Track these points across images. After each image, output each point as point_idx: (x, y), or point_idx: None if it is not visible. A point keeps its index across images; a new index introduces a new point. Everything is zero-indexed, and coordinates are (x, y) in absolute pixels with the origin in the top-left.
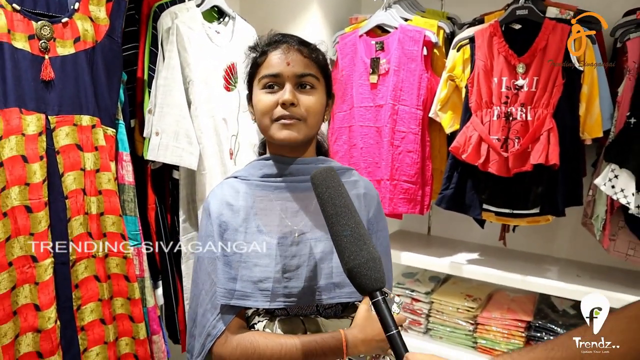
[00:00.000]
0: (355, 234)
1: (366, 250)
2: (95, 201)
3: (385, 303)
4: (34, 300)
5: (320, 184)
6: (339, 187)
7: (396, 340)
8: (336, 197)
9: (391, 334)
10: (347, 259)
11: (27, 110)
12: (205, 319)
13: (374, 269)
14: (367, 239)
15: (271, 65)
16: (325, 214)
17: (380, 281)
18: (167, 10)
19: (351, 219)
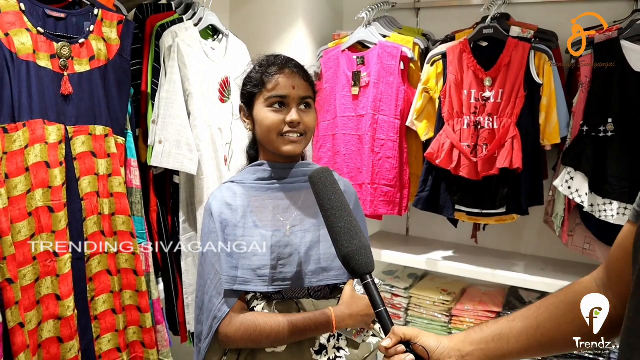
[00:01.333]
0: (348, 225)
1: (358, 239)
2: (108, 203)
3: (374, 285)
4: (55, 291)
5: (317, 182)
6: (333, 184)
7: (384, 316)
8: (331, 193)
9: (379, 310)
10: (342, 246)
11: (49, 121)
12: (212, 304)
13: (365, 255)
14: (359, 230)
15: (279, 87)
16: (322, 208)
17: (370, 266)
18: (168, 29)
19: (345, 212)
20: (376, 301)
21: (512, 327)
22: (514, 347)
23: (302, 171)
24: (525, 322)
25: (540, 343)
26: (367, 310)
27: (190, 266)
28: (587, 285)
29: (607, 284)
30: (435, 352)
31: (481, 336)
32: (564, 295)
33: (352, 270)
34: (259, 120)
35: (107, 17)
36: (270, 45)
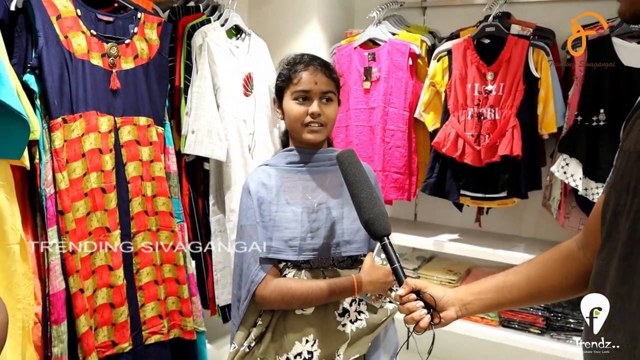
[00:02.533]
0: (369, 195)
1: (377, 206)
2: (150, 186)
3: (391, 245)
4: (108, 262)
5: (343, 160)
6: (357, 162)
7: (398, 271)
8: (355, 169)
9: (395, 266)
10: (364, 212)
11: (101, 113)
12: (249, 270)
13: (383, 220)
14: (378, 199)
15: (303, 82)
16: (347, 181)
17: (388, 229)
18: (198, 30)
19: (366, 184)
20: (392, 258)
21: (506, 281)
22: (507, 297)
23: (327, 156)
24: (518, 276)
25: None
26: (385, 278)
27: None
28: (569, 246)
29: (584, 244)
30: (441, 300)
31: (480, 288)
32: (550, 254)
33: (372, 233)
34: (287, 111)
35: (148, 19)
36: (286, 43)
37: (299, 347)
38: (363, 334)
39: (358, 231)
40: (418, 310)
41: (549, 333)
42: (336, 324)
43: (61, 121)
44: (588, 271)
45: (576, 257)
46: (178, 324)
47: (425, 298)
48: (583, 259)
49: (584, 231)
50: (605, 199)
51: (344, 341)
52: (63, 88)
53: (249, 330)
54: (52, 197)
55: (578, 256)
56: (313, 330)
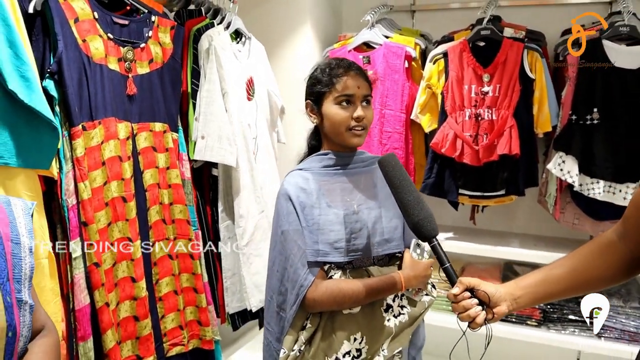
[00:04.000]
0: (416, 197)
1: (425, 209)
2: (167, 193)
3: (440, 245)
4: (131, 274)
5: (387, 165)
6: (400, 166)
7: (449, 271)
8: (400, 173)
9: (446, 266)
10: (413, 215)
11: (119, 119)
12: (297, 274)
13: (431, 222)
14: (423, 202)
15: (347, 87)
16: (393, 185)
17: (435, 230)
18: (204, 34)
19: (412, 187)
20: (443, 259)
21: (553, 274)
22: (555, 288)
23: (360, 158)
24: (563, 269)
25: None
26: (426, 272)
27: (229, 252)
28: (608, 237)
29: (623, 234)
30: (494, 296)
31: (528, 282)
32: (592, 246)
33: (422, 234)
34: (330, 116)
35: (162, 23)
36: (278, 47)
37: (347, 346)
38: (405, 327)
39: (395, 229)
40: (473, 307)
41: (546, 325)
42: (382, 320)
43: (80, 128)
44: (629, 259)
45: (617, 247)
46: (197, 334)
47: (479, 295)
48: (624, 248)
49: (622, 223)
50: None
51: (389, 336)
52: (82, 94)
53: (297, 334)
54: (75, 208)
55: (619, 246)
56: (361, 328)
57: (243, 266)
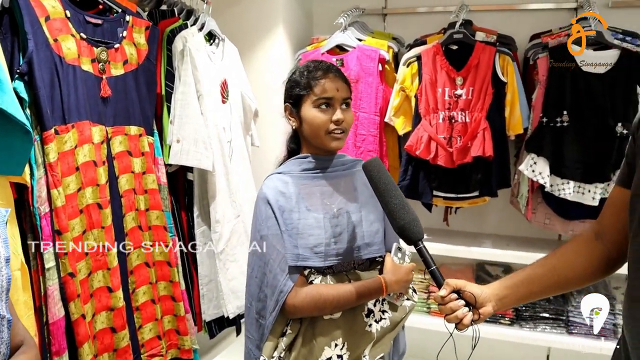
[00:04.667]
0: (401, 201)
1: (410, 212)
2: (143, 199)
3: (425, 248)
4: (107, 284)
5: (372, 169)
6: (385, 170)
7: (436, 273)
8: (385, 177)
9: (432, 268)
10: (399, 219)
11: (93, 122)
12: (276, 280)
13: (417, 225)
14: (409, 205)
15: (326, 90)
16: (378, 190)
17: (421, 233)
18: (178, 35)
19: (397, 190)
20: (429, 262)
21: (535, 273)
22: (537, 287)
23: (340, 161)
24: (545, 268)
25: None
26: (407, 276)
27: (205, 258)
28: (586, 236)
29: (600, 233)
30: (480, 297)
31: (512, 282)
32: (570, 246)
33: (407, 238)
34: (309, 119)
35: (137, 23)
36: (251, 49)
37: (328, 352)
38: (387, 332)
39: (376, 233)
40: (460, 308)
41: (518, 323)
42: (363, 325)
43: (53, 132)
44: (607, 257)
45: (595, 246)
46: (175, 344)
47: (466, 296)
48: (601, 247)
49: (598, 222)
50: (634, 192)
51: (370, 341)
52: (54, 96)
53: (277, 340)
54: (48, 216)
55: (597, 245)
56: (342, 333)
57: (219, 272)
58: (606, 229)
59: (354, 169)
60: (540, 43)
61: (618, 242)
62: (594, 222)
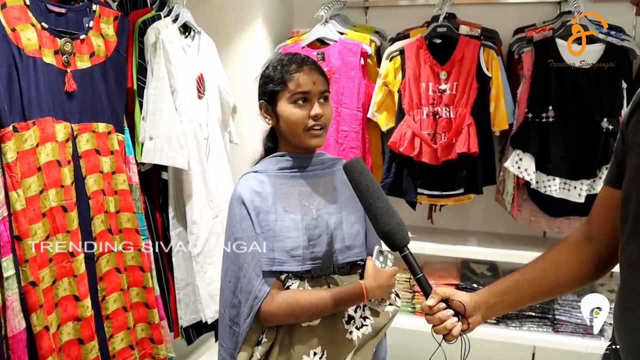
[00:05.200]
0: (385, 205)
1: (395, 217)
2: (113, 200)
3: (412, 255)
4: (74, 292)
5: (353, 170)
6: (367, 171)
7: (423, 281)
8: (367, 178)
9: (419, 276)
10: (383, 224)
11: (57, 119)
12: (251, 285)
13: (402, 230)
14: (393, 209)
15: (301, 84)
16: (360, 192)
17: (407, 239)
18: (151, 26)
19: (380, 193)
20: (415, 269)
21: (524, 278)
22: (528, 293)
23: (319, 160)
24: (535, 273)
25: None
26: (390, 281)
27: (181, 261)
28: (575, 238)
29: (589, 235)
30: (469, 306)
31: (502, 288)
32: (560, 249)
33: (392, 244)
34: (285, 116)
35: (104, 13)
36: (229, 43)
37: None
38: (368, 340)
39: (357, 235)
40: (449, 319)
41: (504, 322)
42: (344, 332)
43: (11, 130)
44: (597, 259)
45: (585, 248)
46: (149, 353)
47: (455, 305)
48: (591, 249)
49: (587, 224)
50: (625, 192)
51: (352, 349)
52: (12, 90)
53: (252, 350)
54: (6, 221)
55: (587, 247)
56: (321, 341)
57: (197, 275)
58: (596, 230)
59: (333, 167)
60: (524, 37)
61: (608, 243)
62: (582, 224)
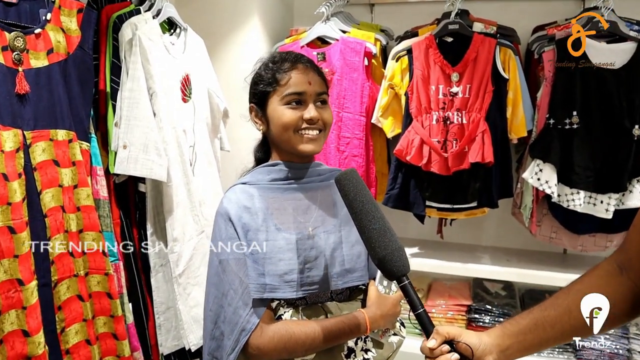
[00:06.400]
0: (382, 226)
1: (393, 241)
2: (75, 218)
3: (411, 286)
4: (22, 326)
5: (346, 184)
6: (363, 186)
7: (424, 317)
8: (362, 195)
9: (419, 312)
10: (378, 249)
11: (4, 125)
12: (237, 315)
13: (400, 258)
14: (391, 231)
15: (295, 84)
16: (353, 210)
17: (407, 267)
18: (127, 21)
19: (377, 212)
20: (415, 303)
21: (545, 316)
22: (550, 334)
23: (316, 170)
24: (558, 310)
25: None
26: (394, 309)
27: (161, 282)
28: (607, 268)
29: (627, 265)
30: (477, 349)
31: (518, 328)
32: (589, 281)
33: (388, 273)
34: (276, 118)
35: (66, 4)
36: (223, 42)
37: None
38: None
39: (358, 257)
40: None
41: None
42: None
43: None
44: (633, 294)
45: (619, 281)
46: None
47: (460, 348)
48: (627, 281)
49: (623, 250)
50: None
51: None
52: None
53: None
54: None
55: (621, 280)
56: None
57: (179, 298)
58: (633, 259)
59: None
60: (545, 35)
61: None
62: (616, 252)
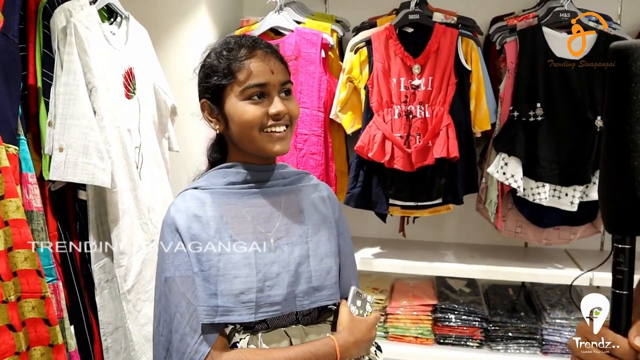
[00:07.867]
0: None
1: None
2: (2, 235)
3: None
4: None
5: None
6: None
7: None
8: None
9: None
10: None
11: None
12: (185, 344)
13: None
14: None
15: (256, 75)
16: None
17: None
18: (59, 7)
19: None
20: None
21: None
22: None
23: (280, 173)
24: None
25: None
26: (369, 334)
27: (107, 301)
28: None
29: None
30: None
31: None
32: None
33: None
34: (235, 117)
35: None
36: (168, 33)
37: None
38: None
39: (329, 272)
40: None
41: (487, 345)
42: None
43: None
44: None
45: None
46: None
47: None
48: None
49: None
50: None
51: None
52: None
53: None
54: None
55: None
56: None
57: (128, 317)
58: None
59: (299, 183)
60: (506, 26)
61: None
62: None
